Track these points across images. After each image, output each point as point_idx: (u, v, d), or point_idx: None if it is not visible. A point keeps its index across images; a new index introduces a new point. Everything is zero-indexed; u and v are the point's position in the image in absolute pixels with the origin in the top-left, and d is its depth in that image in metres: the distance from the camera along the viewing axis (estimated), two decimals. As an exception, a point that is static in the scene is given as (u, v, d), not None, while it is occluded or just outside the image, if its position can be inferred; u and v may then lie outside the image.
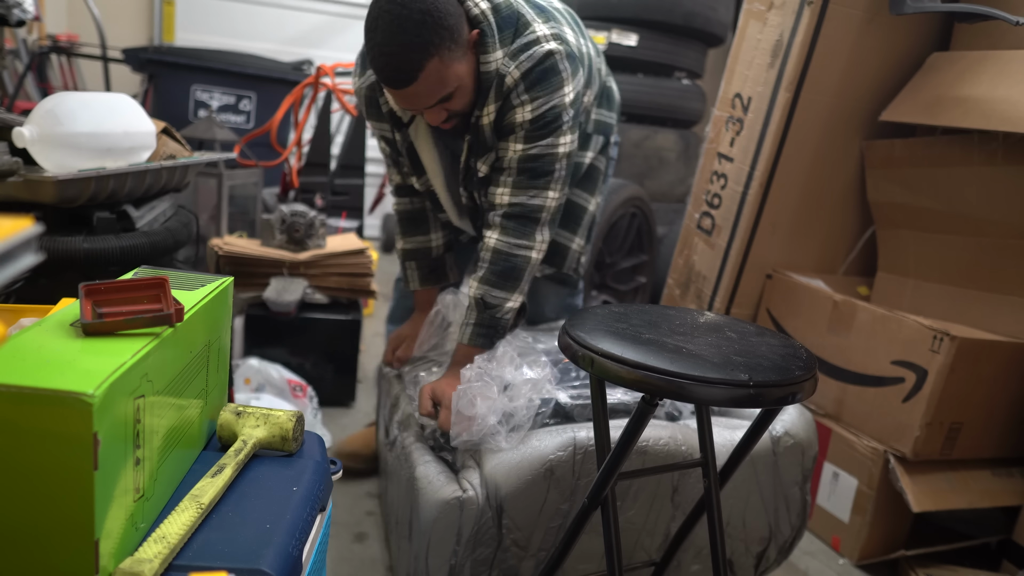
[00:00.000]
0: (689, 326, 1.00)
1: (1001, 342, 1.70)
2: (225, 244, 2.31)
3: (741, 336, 0.98)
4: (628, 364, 0.86)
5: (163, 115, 2.82)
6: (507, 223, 1.40)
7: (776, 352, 0.93)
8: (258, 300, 2.25)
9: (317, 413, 2.07)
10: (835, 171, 2.11)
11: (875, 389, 1.78)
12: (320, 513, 0.84)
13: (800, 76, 1.92)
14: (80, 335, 0.68)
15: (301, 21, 4.62)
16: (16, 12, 1.77)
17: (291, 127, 3.25)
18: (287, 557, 0.70)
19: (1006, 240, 1.83)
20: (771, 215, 2.05)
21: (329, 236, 2.55)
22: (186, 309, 0.76)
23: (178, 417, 0.77)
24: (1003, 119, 1.68)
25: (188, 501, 0.71)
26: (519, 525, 1.23)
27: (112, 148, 1.39)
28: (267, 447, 0.87)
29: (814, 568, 1.76)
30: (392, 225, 3.95)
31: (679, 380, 0.83)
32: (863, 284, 2.21)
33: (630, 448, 0.94)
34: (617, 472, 0.97)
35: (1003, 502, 1.77)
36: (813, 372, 0.91)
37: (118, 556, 0.64)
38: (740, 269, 2.09)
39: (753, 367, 0.86)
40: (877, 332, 1.78)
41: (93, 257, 1.34)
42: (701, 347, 0.91)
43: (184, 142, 1.78)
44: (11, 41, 3.14)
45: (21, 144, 1.23)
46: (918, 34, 2.03)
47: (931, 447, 1.70)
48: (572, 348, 0.94)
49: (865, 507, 1.75)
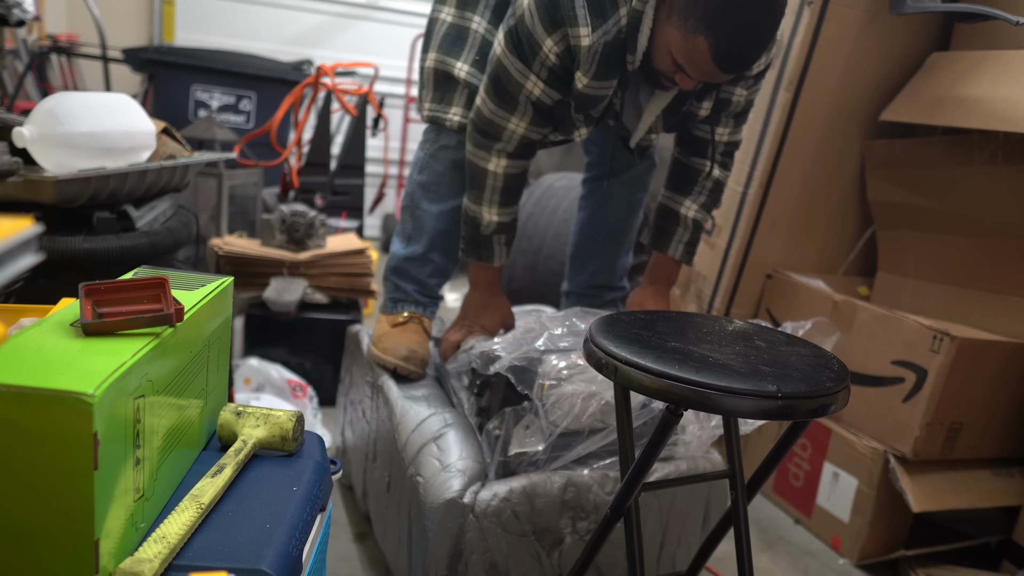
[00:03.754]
0: (717, 334, 0.98)
1: (1001, 342, 1.70)
2: (225, 244, 2.31)
3: (770, 345, 0.96)
4: (652, 373, 0.83)
5: (163, 115, 2.82)
6: (727, 160, 1.53)
7: (806, 362, 0.90)
8: (258, 300, 2.25)
9: (317, 413, 2.07)
10: (835, 171, 2.11)
11: (875, 389, 1.78)
12: (320, 513, 0.84)
13: (800, 76, 1.92)
14: (80, 335, 0.68)
15: (301, 21, 4.62)
16: (16, 12, 1.77)
17: (291, 127, 3.25)
18: (287, 557, 0.70)
19: (1006, 240, 1.83)
20: (771, 215, 2.05)
21: (329, 236, 2.55)
22: (186, 309, 0.76)
23: (178, 417, 0.77)
24: (1003, 119, 1.68)
25: (188, 501, 0.71)
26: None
27: (112, 148, 1.39)
28: (267, 447, 0.87)
29: (814, 568, 1.76)
30: (464, 210, 3.70)
31: (705, 390, 0.80)
32: (863, 284, 2.21)
33: (654, 459, 0.92)
34: (641, 483, 0.95)
35: (1003, 502, 1.77)
36: (845, 383, 0.88)
37: (118, 556, 0.64)
38: (740, 269, 2.09)
39: (782, 377, 0.83)
40: (877, 332, 1.78)
41: (93, 257, 1.35)
42: (728, 356, 0.88)
43: (184, 142, 1.78)
44: (11, 41, 3.13)
45: (21, 144, 1.23)
46: (918, 34, 2.03)
47: (931, 447, 1.70)
48: (596, 355, 0.92)
49: (865, 507, 1.75)
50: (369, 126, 3.41)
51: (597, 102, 1.37)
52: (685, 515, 1.45)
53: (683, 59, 1.21)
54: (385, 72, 4.45)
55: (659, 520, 1.42)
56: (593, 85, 1.33)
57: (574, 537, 1.30)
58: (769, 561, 1.77)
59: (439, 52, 1.53)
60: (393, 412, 1.43)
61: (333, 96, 3.04)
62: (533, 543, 1.27)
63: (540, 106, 1.38)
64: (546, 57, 1.30)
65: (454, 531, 1.21)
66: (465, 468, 1.25)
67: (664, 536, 1.44)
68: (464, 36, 1.52)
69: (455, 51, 1.52)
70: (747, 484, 1.08)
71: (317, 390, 2.20)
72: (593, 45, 1.26)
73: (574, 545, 1.31)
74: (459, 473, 1.25)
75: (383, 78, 4.52)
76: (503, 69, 1.35)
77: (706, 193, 1.55)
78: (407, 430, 1.37)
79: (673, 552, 1.47)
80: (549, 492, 1.26)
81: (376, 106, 3.24)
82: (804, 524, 1.94)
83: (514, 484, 1.25)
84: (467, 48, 1.51)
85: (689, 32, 1.16)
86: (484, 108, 1.40)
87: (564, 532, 1.29)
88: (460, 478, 1.24)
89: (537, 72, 1.33)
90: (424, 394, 1.48)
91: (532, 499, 1.25)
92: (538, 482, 1.26)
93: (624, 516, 0.98)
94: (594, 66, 1.30)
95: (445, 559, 1.23)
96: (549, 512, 1.27)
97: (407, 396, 1.46)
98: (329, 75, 2.88)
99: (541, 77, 1.33)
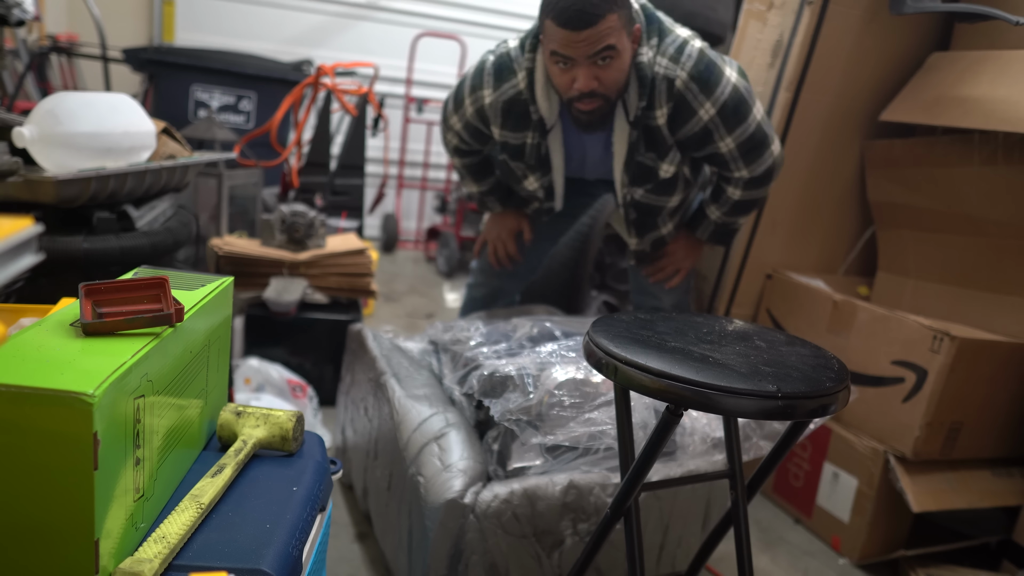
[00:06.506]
0: (717, 334, 0.98)
1: (1001, 342, 1.70)
2: (225, 244, 2.31)
3: (770, 345, 0.96)
4: (652, 373, 0.83)
5: (163, 115, 2.82)
6: (749, 186, 1.68)
7: (806, 362, 0.90)
8: (258, 300, 2.25)
9: (317, 413, 2.07)
10: (835, 171, 2.11)
11: (875, 389, 1.78)
12: (320, 513, 0.84)
13: (800, 76, 1.92)
14: (80, 335, 0.68)
15: (301, 21, 4.62)
16: (16, 12, 1.77)
17: (291, 127, 3.25)
18: (287, 557, 0.70)
19: (1006, 240, 1.83)
20: (771, 215, 2.05)
21: (329, 236, 2.55)
22: (186, 309, 0.76)
23: (178, 417, 0.77)
24: (1003, 119, 1.68)
25: (188, 501, 0.71)
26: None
27: (112, 148, 1.39)
28: (267, 447, 0.87)
29: (814, 568, 1.76)
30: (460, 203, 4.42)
31: (705, 390, 0.80)
32: (863, 284, 2.21)
33: (654, 459, 0.92)
34: (641, 483, 0.95)
35: (1003, 502, 1.77)
36: (845, 383, 0.88)
37: (118, 556, 0.64)
38: (740, 269, 2.09)
39: (782, 377, 0.83)
40: (877, 332, 1.78)
41: (93, 257, 1.35)
42: (728, 356, 0.88)
43: (184, 142, 1.78)
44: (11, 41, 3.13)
45: (21, 144, 1.23)
46: (918, 34, 2.03)
47: (931, 447, 1.70)
48: (596, 355, 0.92)
49: (865, 507, 1.75)
50: (369, 126, 3.41)
51: (520, 149, 1.71)
52: (685, 515, 1.45)
53: (550, 48, 1.48)
54: (385, 72, 4.45)
55: (659, 520, 1.42)
56: (507, 135, 1.69)
57: (575, 539, 1.30)
58: (769, 561, 1.77)
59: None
60: (395, 411, 1.43)
61: (333, 96, 3.04)
62: (533, 544, 1.28)
63: (461, 135, 1.80)
64: (466, 110, 1.73)
65: (454, 531, 1.21)
66: (466, 468, 1.25)
67: (664, 536, 1.44)
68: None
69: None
70: (747, 484, 1.08)
71: (317, 390, 2.20)
72: (494, 102, 1.65)
73: (575, 546, 1.31)
74: (460, 473, 1.24)
75: (383, 78, 4.52)
76: (446, 108, 1.83)
77: (728, 205, 1.75)
78: (409, 429, 1.37)
79: (673, 552, 1.47)
80: (550, 494, 1.26)
81: (376, 106, 3.24)
82: (804, 524, 1.94)
83: (515, 486, 1.25)
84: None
85: (543, 27, 1.48)
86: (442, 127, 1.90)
87: (565, 534, 1.29)
88: (461, 478, 1.24)
89: (460, 117, 1.77)
90: (426, 393, 1.48)
91: (533, 501, 1.25)
92: (540, 484, 1.26)
93: (624, 516, 0.98)
94: (499, 117, 1.67)
95: (445, 559, 1.23)
96: (550, 514, 1.27)
97: (409, 395, 1.46)
98: (329, 75, 2.88)
99: (461, 122, 1.77)
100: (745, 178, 1.66)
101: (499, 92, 1.63)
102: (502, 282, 2.07)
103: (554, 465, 1.30)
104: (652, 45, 1.52)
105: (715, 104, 1.53)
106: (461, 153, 1.88)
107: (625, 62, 1.50)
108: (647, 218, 1.77)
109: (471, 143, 1.82)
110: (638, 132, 1.59)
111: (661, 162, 1.63)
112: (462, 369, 1.49)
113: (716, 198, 1.76)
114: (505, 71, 1.61)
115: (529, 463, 1.29)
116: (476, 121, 1.73)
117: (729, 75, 1.54)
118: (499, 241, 1.99)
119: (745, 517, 1.02)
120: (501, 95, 1.63)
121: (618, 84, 1.51)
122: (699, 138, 1.59)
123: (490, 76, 1.64)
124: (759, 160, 1.63)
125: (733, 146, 1.59)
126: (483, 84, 1.65)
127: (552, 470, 1.30)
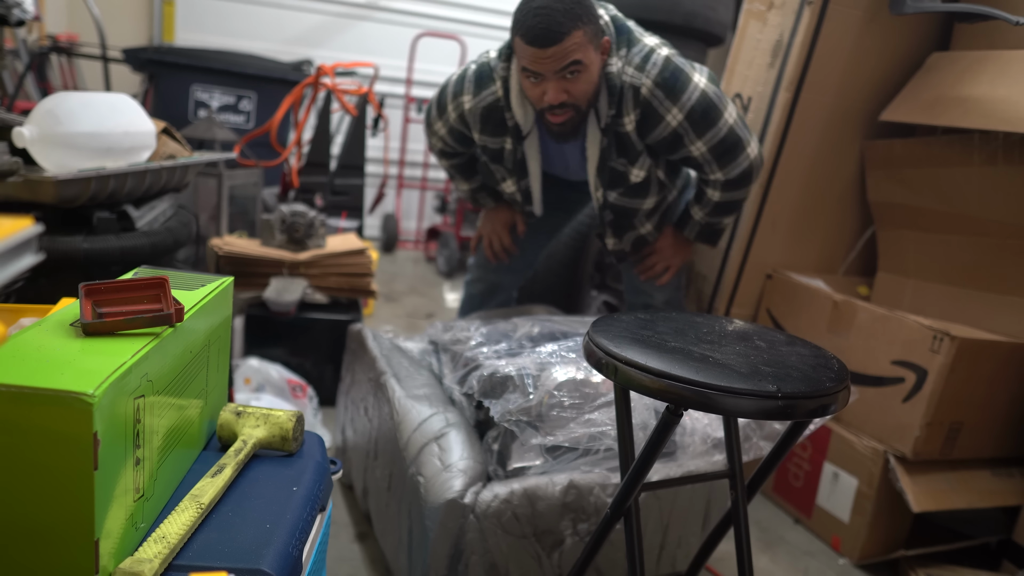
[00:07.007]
0: (717, 334, 0.98)
1: (1001, 342, 1.70)
2: (225, 244, 2.31)
3: (770, 345, 0.95)
4: (652, 373, 0.83)
5: (163, 115, 2.82)
6: (727, 188, 1.71)
7: (806, 362, 0.90)
8: (258, 300, 2.25)
9: (317, 413, 2.07)
10: (835, 171, 2.11)
11: (875, 389, 1.78)
12: (320, 513, 0.84)
13: (800, 76, 1.92)
14: (80, 335, 0.68)
15: (301, 21, 4.62)
16: (16, 12, 1.77)
17: (291, 127, 3.25)
18: (287, 557, 0.70)
19: (1006, 240, 1.83)
20: (771, 215, 2.05)
21: (329, 236, 2.55)
22: (186, 309, 0.76)
23: (178, 417, 0.77)
24: (1003, 119, 1.68)
25: (188, 501, 0.71)
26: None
27: (112, 148, 1.39)
28: (267, 447, 0.87)
29: (814, 568, 1.76)
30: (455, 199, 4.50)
31: (705, 390, 0.80)
32: (863, 284, 2.21)
33: (654, 459, 0.92)
34: (641, 483, 0.95)
35: (1003, 502, 1.77)
36: (845, 383, 0.88)
37: (118, 556, 0.64)
38: (740, 269, 2.09)
39: (782, 377, 0.83)
40: (877, 332, 1.78)
41: (93, 257, 1.35)
42: (728, 356, 0.88)
43: (184, 142, 1.78)
44: (11, 41, 3.13)
45: (21, 144, 1.23)
46: (918, 34, 2.03)
47: (931, 447, 1.70)
48: (596, 355, 0.92)
49: (865, 507, 1.75)
50: (369, 126, 3.41)
51: (499, 153, 1.78)
52: (685, 515, 1.45)
53: (521, 63, 1.54)
54: (385, 72, 4.45)
55: (659, 520, 1.42)
56: (486, 139, 1.77)
57: (574, 539, 1.30)
58: (769, 561, 1.77)
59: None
60: (395, 411, 1.43)
61: (333, 96, 3.04)
62: (533, 544, 1.27)
63: (446, 140, 1.87)
64: (449, 115, 1.79)
65: (454, 531, 1.21)
66: (466, 468, 1.25)
67: (664, 536, 1.44)
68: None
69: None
70: (747, 484, 1.08)
71: (317, 390, 2.20)
72: (473, 108, 1.72)
73: (575, 546, 1.31)
74: (460, 473, 1.24)
75: (383, 78, 4.52)
76: (429, 113, 1.88)
77: (710, 206, 1.79)
78: (409, 429, 1.37)
79: (673, 552, 1.47)
80: (550, 494, 1.26)
81: (376, 106, 3.24)
82: (804, 524, 1.94)
83: (515, 486, 1.25)
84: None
85: (513, 44, 1.53)
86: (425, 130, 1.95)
87: (565, 534, 1.29)
88: (461, 478, 1.24)
89: (444, 122, 1.83)
90: (426, 393, 1.48)
91: (533, 501, 1.25)
92: (540, 484, 1.26)
93: (624, 516, 0.98)
94: (479, 123, 1.74)
95: (445, 559, 1.23)
96: (550, 514, 1.27)
97: (409, 395, 1.46)
98: (329, 75, 2.88)
99: (445, 127, 1.83)
100: (721, 180, 1.70)
101: (478, 99, 1.70)
102: (499, 276, 2.09)
103: (554, 465, 1.30)
104: (621, 55, 1.58)
105: (682, 109, 1.58)
106: (446, 155, 1.95)
107: (593, 74, 1.55)
108: (623, 219, 1.82)
109: (455, 146, 1.88)
110: (609, 139, 1.65)
111: (631, 167, 1.69)
112: (462, 369, 1.49)
113: (699, 199, 1.81)
114: (485, 79, 1.69)
115: (529, 463, 1.29)
116: (459, 126, 1.79)
117: (697, 81, 1.58)
118: (493, 235, 2.03)
119: (745, 517, 1.02)
120: (480, 101, 1.70)
121: (587, 95, 1.57)
122: (669, 143, 1.64)
123: (471, 83, 1.71)
124: (734, 163, 1.67)
125: (705, 150, 1.64)
126: (463, 90, 1.73)
127: (552, 470, 1.30)
